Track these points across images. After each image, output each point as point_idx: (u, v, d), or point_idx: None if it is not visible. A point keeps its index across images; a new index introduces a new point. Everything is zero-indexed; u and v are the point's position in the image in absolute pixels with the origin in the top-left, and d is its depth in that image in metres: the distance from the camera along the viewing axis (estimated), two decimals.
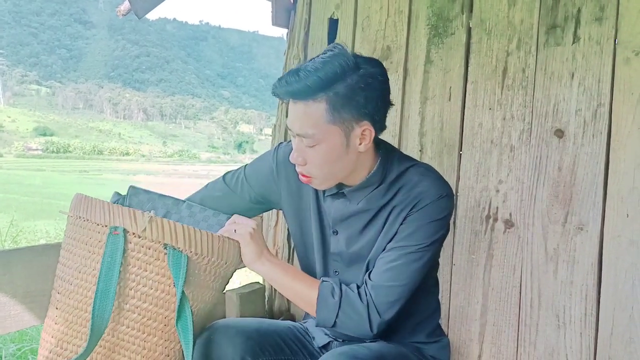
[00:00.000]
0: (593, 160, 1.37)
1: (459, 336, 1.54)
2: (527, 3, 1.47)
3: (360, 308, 1.05)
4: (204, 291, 1.12)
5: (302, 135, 1.01)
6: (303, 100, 0.98)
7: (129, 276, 1.04)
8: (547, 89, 1.44)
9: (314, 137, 1.00)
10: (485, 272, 1.51)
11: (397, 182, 1.10)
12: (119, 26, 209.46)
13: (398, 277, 1.05)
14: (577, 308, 1.38)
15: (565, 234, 1.40)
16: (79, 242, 1.07)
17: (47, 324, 1.09)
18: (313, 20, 1.83)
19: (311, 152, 1.02)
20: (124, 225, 1.04)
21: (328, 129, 0.99)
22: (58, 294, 1.08)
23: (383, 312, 1.05)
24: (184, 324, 1.05)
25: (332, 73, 0.97)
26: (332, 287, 1.07)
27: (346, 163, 1.05)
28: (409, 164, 1.12)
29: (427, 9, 1.62)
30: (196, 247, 1.07)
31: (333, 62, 0.97)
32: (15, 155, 75.58)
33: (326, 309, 1.06)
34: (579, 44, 1.40)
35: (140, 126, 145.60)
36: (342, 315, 1.05)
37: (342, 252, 1.16)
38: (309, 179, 1.06)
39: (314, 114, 0.98)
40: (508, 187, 1.48)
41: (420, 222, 1.06)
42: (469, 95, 1.55)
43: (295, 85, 0.97)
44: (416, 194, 1.07)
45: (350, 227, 1.14)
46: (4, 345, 2.50)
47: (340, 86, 0.97)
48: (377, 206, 1.11)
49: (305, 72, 0.97)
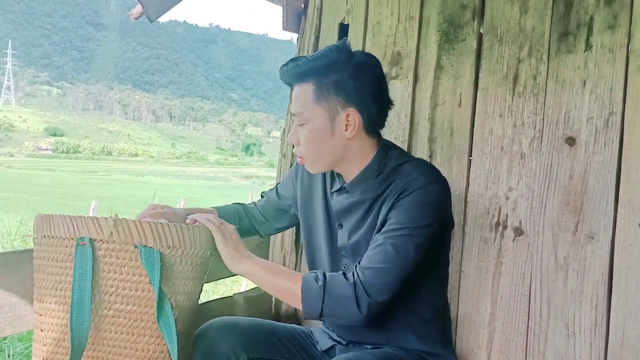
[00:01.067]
0: (605, 169, 1.36)
1: (467, 344, 1.53)
2: (539, 10, 1.46)
3: (346, 287, 1.02)
4: (184, 283, 1.12)
5: (294, 115, 1.13)
6: (297, 82, 1.12)
7: (106, 282, 1.05)
8: (559, 96, 1.43)
9: (302, 116, 1.11)
10: (494, 280, 1.50)
11: (392, 175, 1.13)
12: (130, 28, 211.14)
13: (386, 258, 1.04)
14: (587, 318, 1.37)
15: (575, 242, 1.39)
16: (49, 260, 1.07)
17: (35, 348, 1.10)
18: (323, 25, 1.84)
19: (301, 131, 1.13)
20: (90, 234, 1.04)
21: (314, 109, 1.10)
22: (40, 316, 1.09)
23: (372, 292, 1.02)
24: (165, 320, 1.05)
25: (325, 62, 1.09)
26: (315, 275, 1.07)
27: (333, 147, 1.12)
28: (405, 159, 1.17)
29: (438, 15, 1.62)
30: (167, 241, 1.07)
31: (331, 54, 1.10)
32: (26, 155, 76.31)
33: (311, 296, 1.04)
34: (591, 51, 1.39)
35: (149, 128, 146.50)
36: (328, 300, 1.02)
37: (347, 246, 1.18)
38: (302, 159, 1.17)
39: (304, 94, 1.11)
40: (518, 195, 1.48)
41: (407, 206, 1.07)
42: (480, 102, 1.55)
43: (292, 70, 1.12)
44: (405, 182, 1.09)
45: (351, 219, 1.18)
46: (12, 344, 2.52)
47: (331, 73, 1.09)
48: (371, 197, 1.14)
49: (304, 60, 1.10)
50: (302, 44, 1.89)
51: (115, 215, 1.09)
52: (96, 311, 1.04)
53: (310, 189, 1.28)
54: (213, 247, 1.20)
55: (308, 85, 1.10)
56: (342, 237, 1.19)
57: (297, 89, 1.13)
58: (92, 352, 1.05)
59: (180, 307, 1.12)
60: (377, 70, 1.13)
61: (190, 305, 1.17)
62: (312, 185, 1.28)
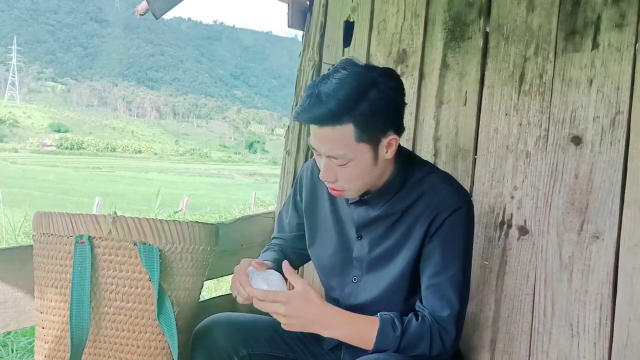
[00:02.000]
0: (610, 168, 1.35)
1: (471, 343, 1.53)
2: (546, 8, 1.46)
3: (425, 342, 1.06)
4: (184, 279, 1.13)
5: (332, 157, 1.03)
6: (329, 125, 0.99)
7: (106, 280, 1.05)
8: (565, 95, 1.43)
9: (345, 157, 1.02)
10: (498, 279, 1.49)
11: (418, 188, 1.12)
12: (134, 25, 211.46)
13: (451, 303, 1.08)
14: (592, 317, 1.36)
15: (580, 242, 1.38)
16: (48, 258, 1.08)
17: (37, 345, 1.10)
18: (329, 22, 1.83)
19: (342, 170, 1.04)
20: (89, 232, 1.04)
21: (358, 148, 1.01)
22: (41, 314, 1.09)
23: (449, 343, 1.08)
24: (166, 317, 1.06)
25: (352, 94, 0.98)
26: (392, 320, 1.07)
27: (376, 172, 1.09)
28: (428, 169, 1.16)
29: (444, 13, 1.61)
30: (166, 238, 1.07)
31: (351, 82, 0.98)
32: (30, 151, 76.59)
33: (385, 345, 1.05)
34: (598, 50, 1.38)
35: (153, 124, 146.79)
36: (403, 349, 1.05)
37: (364, 257, 1.17)
38: (341, 192, 1.09)
39: (343, 137, 1.00)
40: (523, 194, 1.47)
41: (449, 238, 1.09)
42: (485, 100, 1.54)
43: (318, 110, 0.98)
44: (438, 202, 1.09)
45: (374, 232, 1.16)
46: (16, 338, 2.53)
47: (363, 105, 0.99)
48: (398, 210, 1.13)
49: (326, 96, 0.97)
50: (307, 42, 1.88)
51: (114, 212, 1.09)
52: (96, 309, 1.05)
53: (314, 195, 1.26)
54: (214, 243, 1.20)
55: (345, 127, 0.99)
56: (361, 248, 1.18)
57: (329, 131, 0.99)
58: (93, 350, 1.06)
59: (180, 304, 1.12)
60: (401, 86, 1.06)
61: (190, 301, 1.17)
62: (316, 192, 1.26)
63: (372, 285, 1.17)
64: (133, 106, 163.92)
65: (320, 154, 1.05)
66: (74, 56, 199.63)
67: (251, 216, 1.85)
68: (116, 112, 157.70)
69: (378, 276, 1.16)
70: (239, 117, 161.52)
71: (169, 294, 1.08)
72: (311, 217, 1.27)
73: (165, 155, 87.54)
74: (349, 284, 1.20)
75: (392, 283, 1.14)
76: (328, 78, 1.00)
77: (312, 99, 0.99)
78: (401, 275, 1.13)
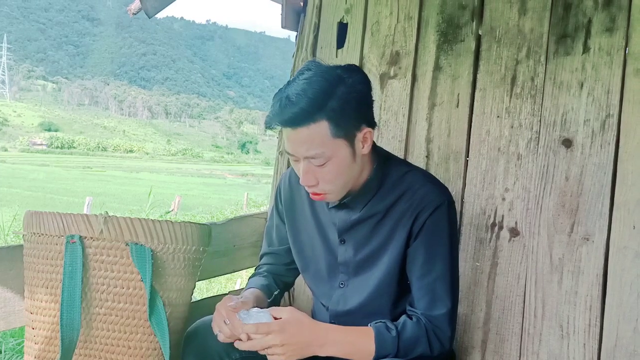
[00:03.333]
0: (601, 171, 1.37)
1: (462, 343, 1.53)
2: (538, 12, 1.47)
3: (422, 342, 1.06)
4: (176, 279, 1.12)
5: (310, 157, 1.02)
6: (304, 125, 0.99)
7: (97, 280, 1.04)
8: (556, 98, 1.44)
9: (324, 155, 1.01)
10: (489, 280, 1.50)
11: (397, 187, 1.12)
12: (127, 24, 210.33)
13: (442, 302, 1.08)
14: (581, 319, 1.38)
15: (570, 243, 1.40)
16: (39, 258, 1.07)
17: (27, 346, 1.09)
18: (322, 24, 1.84)
19: (322, 170, 1.04)
20: (80, 231, 1.04)
21: (335, 144, 1.02)
22: (31, 314, 1.08)
23: (446, 341, 1.08)
24: (157, 318, 1.05)
25: (321, 91, 0.99)
26: (384, 325, 1.06)
27: (355, 170, 1.08)
28: (406, 168, 1.16)
29: (437, 15, 1.62)
30: (159, 239, 1.07)
31: (318, 80, 1.00)
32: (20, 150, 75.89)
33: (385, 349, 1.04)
34: (589, 54, 1.40)
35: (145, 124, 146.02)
36: (402, 349, 1.05)
37: (350, 261, 1.17)
38: (323, 195, 1.08)
39: (319, 135, 1.00)
40: (514, 196, 1.48)
41: (433, 236, 1.09)
42: (477, 103, 1.55)
43: (291, 111, 0.98)
44: (419, 200, 1.09)
45: (357, 235, 1.15)
46: (4, 339, 2.51)
47: (334, 101, 0.99)
48: (380, 211, 1.13)
49: (296, 96, 0.98)
50: (301, 42, 1.88)
51: (105, 212, 1.08)
52: (87, 309, 1.04)
53: (294, 204, 1.26)
54: (207, 243, 1.19)
55: (320, 124, 0.99)
56: (345, 252, 1.17)
57: (304, 131, 0.99)
58: (84, 350, 1.05)
59: (172, 304, 1.12)
60: (367, 79, 1.07)
61: (182, 302, 1.16)
62: (295, 201, 1.25)
63: (359, 289, 1.16)
64: (125, 105, 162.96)
65: (298, 159, 1.04)
66: (65, 54, 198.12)
67: (243, 216, 1.85)
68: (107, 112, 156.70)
69: (365, 279, 1.15)
70: (232, 117, 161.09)
71: (161, 294, 1.08)
72: (293, 226, 1.26)
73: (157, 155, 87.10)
74: (337, 290, 1.19)
75: (379, 285, 1.14)
76: (294, 81, 1.01)
77: (283, 102, 0.99)
78: (388, 276, 1.13)
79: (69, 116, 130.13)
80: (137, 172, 43.55)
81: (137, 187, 23.95)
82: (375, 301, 1.15)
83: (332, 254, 1.19)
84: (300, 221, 1.24)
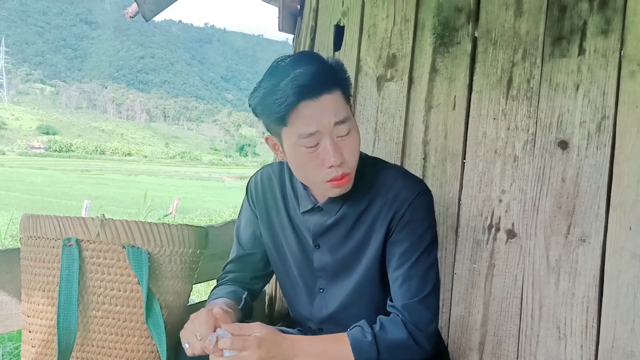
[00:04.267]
0: (597, 172, 1.37)
1: (459, 346, 1.53)
2: (534, 14, 1.48)
3: (398, 331, 1.03)
4: (173, 282, 1.12)
5: (341, 121, 1.01)
6: (326, 91, 0.99)
7: (94, 283, 1.04)
8: (552, 100, 1.44)
9: (349, 120, 1.03)
10: (486, 282, 1.50)
11: (372, 188, 1.11)
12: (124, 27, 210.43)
13: (417, 291, 1.05)
14: (578, 320, 1.38)
15: (567, 245, 1.40)
16: (36, 261, 1.07)
17: (24, 349, 1.09)
18: (319, 26, 1.84)
19: (347, 141, 1.03)
20: (76, 234, 1.03)
21: (349, 111, 1.05)
22: (28, 317, 1.08)
23: (423, 326, 1.04)
24: (155, 321, 1.05)
25: (324, 64, 1.03)
26: (360, 329, 1.04)
27: None
28: (379, 167, 1.15)
29: (433, 18, 1.63)
30: (155, 241, 1.06)
31: (317, 57, 1.04)
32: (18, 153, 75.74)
33: (364, 355, 1.01)
34: (585, 56, 1.41)
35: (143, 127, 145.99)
36: (383, 350, 1.02)
37: (327, 266, 1.16)
38: (347, 176, 1.05)
39: (340, 99, 1.02)
40: (511, 197, 1.48)
41: (410, 227, 1.08)
42: (474, 105, 1.56)
43: (310, 81, 0.97)
44: (394, 196, 1.09)
45: (332, 238, 1.14)
46: (1, 343, 2.50)
47: (338, 73, 1.04)
48: (355, 213, 1.12)
49: (307, 69, 0.99)
50: (298, 45, 1.89)
51: (102, 215, 1.08)
52: (84, 312, 1.04)
53: (267, 206, 1.22)
54: (204, 246, 1.19)
55: (337, 92, 1.02)
56: (320, 257, 1.16)
57: (327, 97, 0.99)
58: (81, 353, 1.05)
59: (169, 307, 1.12)
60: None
61: (180, 304, 1.16)
62: (267, 203, 1.22)
63: (339, 292, 1.15)
64: (123, 108, 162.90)
65: (320, 137, 1.00)
66: (63, 58, 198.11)
67: None
68: (105, 115, 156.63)
69: (344, 282, 1.14)
70: (230, 120, 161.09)
71: (158, 297, 1.08)
72: (270, 230, 1.23)
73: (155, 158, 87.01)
74: (317, 295, 1.18)
75: (358, 287, 1.13)
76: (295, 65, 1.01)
77: (296, 79, 0.97)
78: (367, 277, 1.12)
79: (67, 119, 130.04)
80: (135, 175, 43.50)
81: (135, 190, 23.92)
82: (357, 303, 1.14)
83: (309, 259, 1.18)
84: (276, 224, 1.22)
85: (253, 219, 1.25)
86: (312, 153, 1.01)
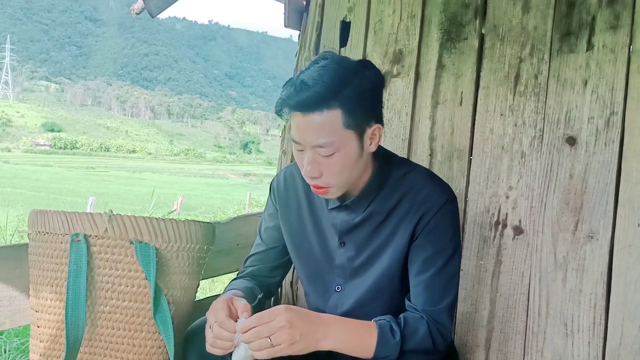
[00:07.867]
0: (605, 169, 1.36)
1: (466, 342, 1.53)
2: (542, 10, 1.46)
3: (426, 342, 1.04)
4: (180, 278, 1.12)
5: (319, 146, 0.99)
6: (317, 110, 0.96)
7: (102, 278, 1.04)
8: (560, 96, 1.44)
9: (333, 145, 0.99)
10: (493, 279, 1.50)
11: (399, 187, 1.11)
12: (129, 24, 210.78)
13: (440, 297, 1.07)
14: (586, 317, 1.37)
15: (575, 242, 1.39)
16: (44, 256, 1.07)
17: (32, 344, 1.09)
18: (325, 22, 1.84)
19: (328, 162, 1.01)
20: (84, 230, 1.03)
21: (345, 135, 0.99)
22: (36, 312, 1.08)
23: (445, 332, 1.07)
24: (162, 316, 1.05)
25: (338, 78, 0.97)
26: (389, 326, 1.03)
27: (359, 166, 1.06)
28: (407, 168, 1.14)
29: (440, 13, 1.62)
30: (163, 237, 1.07)
31: (335, 67, 0.98)
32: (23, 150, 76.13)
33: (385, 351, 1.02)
34: (593, 51, 1.40)
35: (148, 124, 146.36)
36: (405, 351, 1.03)
37: (347, 264, 1.15)
38: (325, 189, 1.04)
39: (331, 123, 0.97)
40: (518, 194, 1.48)
41: (435, 234, 1.07)
42: (481, 101, 1.55)
43: (306, 94, 0.96)
44: (422, 199, 1.08)
45: (358, 236, 1.13)
46: (8, 339, 2.52)
47: (349, 90, 0.98)
48: (382, 212, 1.11)
49: (312, 80, 0.96)
50: (304, 41, 1.88)
51: (110, 210, 1.08)
52: (92, 307, 1.04)
53: (289, 203, 1.22)
54: (211, 241, 1.19)
55: (334, 111, 0.96)
56: (344, 255, 1.15)
57: (316, 117, 0.96)
58: (89, 348, 1.05)
59: (177, 303, 1.12)
60: (381, 76, 1.06)
61: (187, 300, 1.16)
62: (289, 200, 1.22)
63: (356, 290, 1.14)
64: (127, 106, 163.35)
65: (304, 148, 1.01)
66: (67, 55, 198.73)
67: (247, 215, 1.84)
68: (110, 112, 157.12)
69: (362, 281, 1.14)
70: (234, 118, 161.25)
71: (165, 292, 1.08)
72: (289, 227, 1.23)
73: (159, 155, 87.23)
74: (333, 294, 1.18)
75: (377, 286, 1.12)
76: (309, 68, 1.00)
77: (297, 85, 0.96)
78: (387, 276, 1.11)
79: (71, 117, 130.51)
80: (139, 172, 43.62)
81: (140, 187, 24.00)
82: (373, 302, 1.13)
83: (330, 256, 1.17)
84: (296, 222, 1.21)
85: (275, 216, 1.26)
86: (300, 154, 1.03)
